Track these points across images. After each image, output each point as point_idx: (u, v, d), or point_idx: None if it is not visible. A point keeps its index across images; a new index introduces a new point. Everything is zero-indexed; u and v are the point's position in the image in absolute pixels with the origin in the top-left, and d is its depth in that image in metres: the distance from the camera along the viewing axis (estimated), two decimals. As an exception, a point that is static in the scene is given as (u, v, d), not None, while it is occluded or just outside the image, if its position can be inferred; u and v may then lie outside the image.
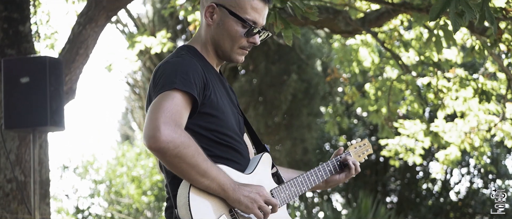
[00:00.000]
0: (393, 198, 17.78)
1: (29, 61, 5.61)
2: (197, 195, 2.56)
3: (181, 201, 2.56)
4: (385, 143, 10.45)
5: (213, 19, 2.77)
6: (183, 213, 2.55)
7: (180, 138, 2.48)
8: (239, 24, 2.75)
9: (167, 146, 2.45)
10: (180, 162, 2.49)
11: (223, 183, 2.58)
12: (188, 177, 2.54)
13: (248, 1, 2.75)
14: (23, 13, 7.04)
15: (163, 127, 2.45)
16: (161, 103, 2.52)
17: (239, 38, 2.77)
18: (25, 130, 5.55)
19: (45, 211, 6.99)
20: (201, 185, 2.55)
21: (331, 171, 3.11)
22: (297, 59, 13.09)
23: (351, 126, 17.09)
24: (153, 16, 14.11)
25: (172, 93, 2.54)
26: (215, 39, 2.79)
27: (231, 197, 2.60)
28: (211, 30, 2.79)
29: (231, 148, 2.76)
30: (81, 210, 17.00)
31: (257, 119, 13.46)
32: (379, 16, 7.56)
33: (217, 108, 2.72)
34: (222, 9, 2.75)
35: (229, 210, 2.64)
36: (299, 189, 2.92)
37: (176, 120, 2.51)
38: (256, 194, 2.64)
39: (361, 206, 11.60)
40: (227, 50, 2.80)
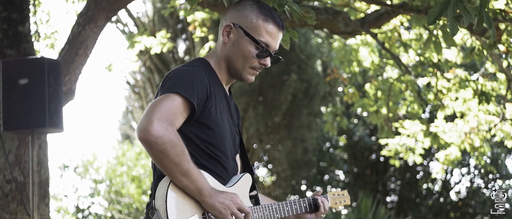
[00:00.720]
0: (393, 198, 17.78)
1: (28, 62, 5.61)
2: (175, 191, 2.72)
3: (160, 192, 2.72)
4: (385, 143, 10.46)
5: (230, 38, 2.93)
6: (159, 204, 2.70)
7: (169, 136, 2.63)
8: (252, 45, 2.91)
9: (156, 140, 2.61)
10: (164, 157, 2.64)
11: (201, 187, 2.72)
12: (169, 173, 2.69)
13: (263, 25, 2.92)
14: (23, 13, 7.03)
15: (156, 122, 2.62)
16: (160, 102, 2.69)
17: (251, 58, 2.92)
18: (24, 131, 5.55)
19: (45, 211, 6.99)
20: (180, 184, 2.70)
21: (306, 208, 3.21)
22: (297, 59, 13.09)
23: (351, 126, 17.09)
24: (153, 16, 14.11)
25: (173, 96, 2.71)
26: (229, 57, 2.94)
27: (206, 201, 2.74)
28: (226, 48, 2.94)
29: (219, 162, 2.91)
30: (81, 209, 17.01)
31: (257, 119, 13.45)
32: (378, 17, 7.54)
33: (214, 122, 2.87)
34: (239, 29, 2.91)
35: (203, 213, 2.77)
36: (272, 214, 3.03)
37: (171, 119, 2.67)
38: (230, 201, 2.78)
39: (361, 206, 11.60)
40: (239, 69, 2.95)
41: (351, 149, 17.32)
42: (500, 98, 8.91)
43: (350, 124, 16.98)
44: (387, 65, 9.75)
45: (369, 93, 9.56)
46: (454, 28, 3.19)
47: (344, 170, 17.87)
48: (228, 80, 3.02)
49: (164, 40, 9.67)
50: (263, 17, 2.93)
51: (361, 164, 17.40)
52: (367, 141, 16.88)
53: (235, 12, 2.97)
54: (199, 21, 8.60)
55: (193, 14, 8.49)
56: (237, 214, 2.78)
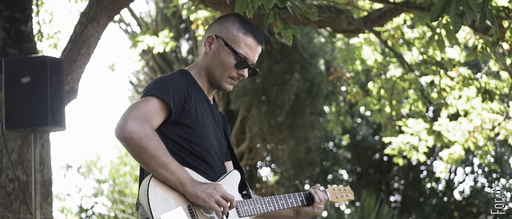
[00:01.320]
0: (397, 198, 17.76)
1: (30, 61, 5.60)
2: (157, 185, 2.80)
3: (142, 188, 2.81)
4: (389, 141, 10.45)
5: (211, 48, 3.10)
6: (142, 198, 2.78)
7: (144, 131, 2.75)
8: (231, 56, 3.06)
9: (131, 136, 2.73)
10: (142, 151, 2.74)
11: (182, 178, 2.80)
12: (148, 166, 2.78)
13: (243, 38, 3.08)
14: (25, 12, 7.04)
15: (130, 120, 2.75)
16: (136, 104, 2.85)
17: (229, 68, 3.07)
18: (26, 130, 5.55)
19: (47, 210, 6.99)
20: (160, 176, 2.78)
21: (302, 201, 3.30)
22: (300, 58, 13.07)
23: (355, 125, 17.06)
24: (156, 16, 14.11)
25: (149, 98, 2.87)
26: (209, 66, 3.10)
27: (189, 191, 2.81)
28: (207, 58, 3.11)
29: (202, 159, 3.00)
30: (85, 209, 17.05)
31: (260, 118, 13.43)
32: (381, 15, 7.53)
33: (195, 122, 2.98)
34: (220, 40, 3.08)
35: (188, 206, 2.84)
36: (265, 207, 3.13)
37: (146, 117, 2.79)
38: (213, 190, 2.85)
39: (364, 205, 11.58)
40: (217, 78, 3.09)
41: (354, 148, 17.30)
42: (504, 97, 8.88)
43: (353, 123, 16.95)
44: (391, 63, 9.74)
45: (372, 92, 9.54)
46: (457, 25, 3.19)
47: (348, 170, 17.86)
48: (210, 89, 3.17)
49: (166, 40, 9.67)
50: (244, 31, 3.09)
51: (364, 163, 17.38)
52: (370, 140, 16.86)
53: (218, 25, 3.14)
54: (202, 19, 8.59)
55: (195, 12, 8.49)
56: (221, 201, 2.84)
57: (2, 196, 6.65)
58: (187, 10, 8.96)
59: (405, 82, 9.02)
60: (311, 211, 3.32)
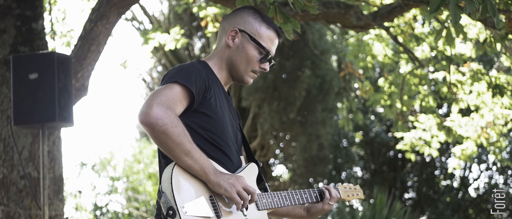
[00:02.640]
0: (411, 194, 17.71)
1: (38, 57, 5.65)
2: (180, 173, 2.77)
3: (165, 176, 2.77)
4: (401, 136, 10.42)
5: (234, 42, 3.08)
6: (165, 186, 2.74)
7: (169, 118, 2.71)
8: (256, 50, 3.08)
9: (156, 122, 2.69)
10: (166, 138, 2.71)
11: (205, 166, 2.78)
12: (172, 153, 2.75)
13: (265, 32, 3.09)
14: (36, 10, 7.08)
15: (155, 106, 2.72)
16: (159, 91, 2.81)
17: (254, 62, 3.09)
18: (34, 125, 5.60)
19: (59, 207, 7.03)
20: (184, 164, 2.76)
21: (317, 197, 3.32)
22: (311, 54, 13.06)
23: (368, 122, 17.02)
24: (169, 14, 14.16)
25: (172, 85, 2.83)
26: (232, 60, 3.09)
27: (211, 180, 2.79)
28: (230, 51, 3.09)
29: (221, 150, 2.98)
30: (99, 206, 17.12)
31: (271, 115, 13.44)
32: (391, 11, 7.50)
33: (215, 112, 2.97)
34: (244, 34, 3.08)
35: (210, 196, 2.82)
36: (282, 201, 3.13)
37: (169, 104, 2.76)
38: (235, 180, 2.83)
39: (376, 202, 11.55)
40: (241, 72, 3.10)
41: (368, 145, 17.26)
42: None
43: (366, 120, 16.92)
44: (402, 59, 9.71)
45: (383, 88, 9.52)
46: (456, 16, 3.17)
47: (361, 167, 17.83)
48: (227, 82, 3.16)
49: (177, 37, 9.70)
50: (266, 25, 3.11)
51: (378, 160, 17.34)
52: (383, 137, 16.82)
53: (239, 18, 3.12)
54: (211, 16, 8.62)
55: (205, 9, 8.51)
56: (242, 193, 2.82)
57: (13, 193, 6.70)
58: (197, 7, 8.99)
59: (416, 78, 8.99)
60: (320, 208, 3.32)
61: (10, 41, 6.85)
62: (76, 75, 7.07)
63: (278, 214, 3.31)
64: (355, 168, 17.85)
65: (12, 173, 6.68)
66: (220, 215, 2.81)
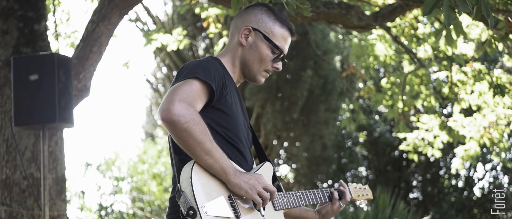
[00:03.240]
0: (416, 194, 17.70)
1: (38, 59, 5.69)
2: (200, 172, 2.72)
3: (184, 175, 2.71)
4: (403, 137, 10.42)
5: (248, 41, 3.04)
6: (184, 186, 2.69)
7: (191, 115, 2.66)
8: (269, 49, 3.04)
9: (179, 119, 2.63)
10: (188, 136, 2.65)
11: (225, 166, 2.73)
12: (193, 152, 2.69)
13: (279, 31, 3.06)
14: (38, 12, 7.12)
15: (177, 102, 2.65)
16: (180, 86, 2.74)
17: (267, 61, 3.05)
18: (34, 126, 5.64)
19: (61, 207, 7.06)
20: (204, 163, 2.70)
21: (329, 197, 3.29)
22: (314, 55, 13.08)
23: (372, 122, 17.03)
24: (173, 14, 14.19)
25: (192, 81, 2.77)
26: (245, 59, 3.05)
27: (231, 181, 2.74)
28: (243, 50, 3.05)
29: (237, 149, 2.93)
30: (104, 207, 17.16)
31: (274, 115, 13.46)
32: (392, 11, 7.51)
33: (230, 109, 2.92)
34: (258, 33, 3.04)
35: (228, 195, 2.77)
36: (297, 201, 3.10)
37: (191, 101, 2.70)
38: (255, 181, 2.79)
39: (378, 201, 11.55)
40: (254, 71, 3.07)
41: (372, 145, 17.25)
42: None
43: (370, 119, 16.92)
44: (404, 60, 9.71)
45: (385, 88, 9.53)
46: (450, 18, 3.18)
47: (365, 166, 17.83)
48: (239, 80, 3.13)
49: (180, 37, 9.73)
50: (280, 24, 3.07)
51: (382, 160, 17.34)
52: (387, 137, 16.82)
53: (252, 16, 3.08)
54: (213, 17, 8.64)
55: (207, 10, 8.54)
56: (263, 193, 2.79)
57: (16, 193, 6.73)
58: (200, 8, 9.02)
59: (417, 78, 9.00)
60: (330, 208, 3.30)
61: (12, 42, 6.89)
62: (78, 76, 7.10)
63: (290, 215, 3.27)
64: (359, 168, 17.86)
65: (15, 173, 6.72)
66: (239, 215, 2.77)
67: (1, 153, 6.79)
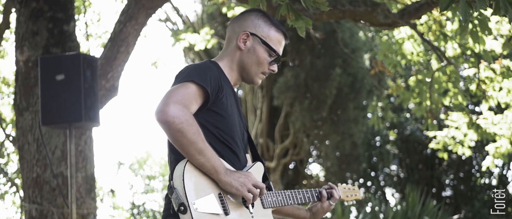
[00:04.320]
0: (448, 193, 17.55)
1: (65, 59, 5.78)
2: (192, 170, 2.85)
3: (177, 173, 2.85)
4: (433, 135, 10.34)
5: (246, 45, 3.18)
6: (177, 183, 2.82)
7: (185, 116, 2.79)
8: (266, 53, 3.18)
9: (173, 120, 2.77)
10: (181, 136, 2.78)
11: (216, 165, 2.87)
12: (186, 151, 2.83)
13: (275, 35, 3.20)
14: (67, 12, 7.22)
15: (172, 104, 2.79)
16: (176, 89, 2.89)
17: (264, 64, 3.19)
18: (61, 125, 5.73)
19: (91, 205, 7.14)
20: (196, 162, 2.84)
21: (318, 197, 3.41)
22: (342, 53, 13.04)
23: (403, 119, 16.92)
24: (202, 14, 14.26)
25: (188, 84, 2.90)
26: (244, 62, 3.19)
27: (222, 179, 2.88)
28: (241, 54, 3.19)
29: (230, 149, 3.06)
30: (136, 205, 17.34)
31: (303, 113, 13.45)
32: (418, 8, 7.46)
33: (226, 111, 3.06)
34: (255, 38, 3.18)
35: (219, 193, 2.91)
36: (286, 200, 3.24)
37: (186, 103, 2.84)
38: (245, 178, 2.93)
39: (408, 200, 11.48)
40: (252, 73, 3.21)
41: (403, 143, 17.15)
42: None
43: (401, 117, 16.81)
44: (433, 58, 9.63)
45: (413, 86, 9.46)
46: (466, 14, 3.16)
47: (396, 165, 17.72)
48: (236, 82, 3.25)
49: (208, 37, 9.78)
50: (275, 29, 3.21)
51: (414, 158, 17.22)
52: (418, 135, 16.69)
53: (249, 21, 3.21)
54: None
55: (233, 9, 8.57)
56: (253, 189, 2.92)
57: (46, 191, 6.83)
58: (227, 8, 9.06)
59: (445, 76, 8.92)
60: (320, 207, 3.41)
61: (42, 43, 7.00)
62: (106, 76, 7.19)
63: (283, 213, 3.39)
64: (391, 166, 17.76)
65: (45, 172, 6.83)
66: (229, 212, 2.89)
67: (32, 151, 6.91)
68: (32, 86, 6.89)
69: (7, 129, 11.15)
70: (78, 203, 6.82)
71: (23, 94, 6.96)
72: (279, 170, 14.31)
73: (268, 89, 14.18)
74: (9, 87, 11.77)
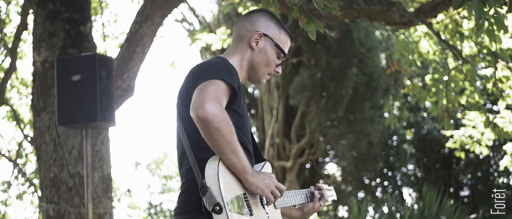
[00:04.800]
0: (466, 192, 17.46)
1: (80, 59, 5.83)
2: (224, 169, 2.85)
3: (210, 172, 2.83)
4: (450, 135, 10.28)
5: (258, 45, 3.20)
6: (210, 182, 2.81)
7: (223, 115, 2.78)
8: (276, 54, 3.23)
9: (213, 118, 2.75)
10: (219, 135, 2.77)
11: (246, 166, 2.89)
12: (221, 150, 2.81)
13: (284, 38, 3.26)
14: (84, 14, 7.28)
15: (210, 102, 2.78)
16: (208, 86, 2.86)
17: (273, 65, 3.24)
18: (77, 126, 5.77)
19: (107, 205, 7.19)
20: (229, 161, 2.84)
21: (310, 197, 3.50)
22: (358, 52, 13.02)
23: (419, 119, 16.85)
24: (218, 14, 14.29)
25: (218, 82, 2.89)
26: (254, 62, 3.22)
27: (249, 179, 2.90)
28: (252, 53, 3.22)
29: (246, 148, 3.06)
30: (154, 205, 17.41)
31: (319, 113, 13.44)
32: (434, 7, 7.42)
33: (243, 110, 3.10)
34: (267, 39, 3.21)
35: (243, 193, 2.92)
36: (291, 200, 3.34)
37: (220, 101, 2.83)
38: (269, 180, 2.98)
39: (425, 199, 11.43)
40: (259, 74, 3.25)
41: (420, 142, 17.08)
42: None
43: (418, 117, 16.75)
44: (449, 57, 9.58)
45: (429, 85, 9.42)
46: (480, 12, 3.15)
47: (413, 164, 17.66)
48: (243, 81, 3.26)
49: (224, 37, 9.80)
50: (284, 31, 3.26)
51: (431, 157, 17.15)
52: (435, 135, 16.63)
53: (262, 22, 3.25)
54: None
55: (248, 9, 8.57)
56: (275, 191, 2.97)
57: (63, 191, 6.89)
58: (243, 7, 9.08)
59: (461, 74, 8.87)
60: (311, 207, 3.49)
61: (59, 44, 7.06)
62: (122, 76, 7.24)
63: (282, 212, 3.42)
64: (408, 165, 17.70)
65: (63, 172, 6.88)
66: (252, 212, 2.93)
67: (49, 152, 6.97)
68: (49, 87, 6.95)
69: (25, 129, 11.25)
70: (94, 202, 6.87)
71: (40, 94, 7.03)
72: (295, 169, 14.32)
73: (284, 89, 14.19)
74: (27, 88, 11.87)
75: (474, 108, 9.36)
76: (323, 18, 6.89)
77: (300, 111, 14.02)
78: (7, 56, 10.21)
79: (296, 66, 14.12)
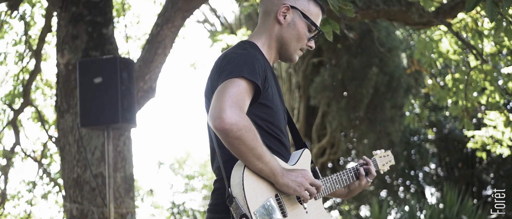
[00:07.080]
0: (489, 192, 17.34)
1: (102, 62, 5.92)
2: (250, 176, 2.70)
3: (235, 180, 2.69)
4: (472, 135, 10.26)
5: (286, 19, 2.98)
6: (236, 192, 2.67)
7: (243, 122, 2.62)
8: (306, 27, 3.01)
9: (231, 128, 2.59)
10: (240, 143, 2.63)
11: (274, 168, 2.72)
12: (245, 158, 2.68)
13: (314, 10, 3.02)
14: (106, 16, 7.38)
15: (228, 109, 2.60)
16: (227, 88, 2.67)
17: (304, 40, 3.01)
18: (99, 127, 5.87)
19: (130, 205, 7.28)
20: (255, 168, 2.70)
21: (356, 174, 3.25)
22: (379, 52, 13.01)
23: (441, 118, 16.78)
24: (239, 15, 14.36)
25: (238, 81, 2.70)
26: (283, 38, 3.00)
27: (280, 181, 2.74)
28: (281, 28, 2.99)
29: (279, 140, 2.93)
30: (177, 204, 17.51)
31: (339, 113, 13.45)
32: (453, 7, 7.44)
33: (272, 101, 2.89)
34: (296, 11, 2.99)
35: (275, 195, 2.78)
36: (332, 186, 3.10)
37: (240, 104, 2.65)
38: (302, 178, 2.79)
39: (446, 198, 11.40)
40: (291, 49, 3.02)
41: (442, 142, 17.01)
42: None
43: (439, 116, 16.68)
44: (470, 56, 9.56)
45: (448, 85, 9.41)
46: (493, 13, 3.17)
47: (435, 163, 17.58)
48: (274, 60, 3.08)
49: (244, 38, 9.86)
50: (314, 2, 3.04)
51: (453, 157, 17.07)
52: (457, 134, 16.55)
53: None
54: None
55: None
56: (311, 189, 2.80)
57: (87, 191, 6.99)
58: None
59: (481, 74, 8.85)
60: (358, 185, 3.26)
61: (82, 46, 7.17)
62: (144, 77, 7.33)
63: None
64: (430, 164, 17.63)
65: (86, 172, 6.99)
66: (286, 214, 2.79)
67: (72, 152, 7.08)
68: (72, 89, 7.06)
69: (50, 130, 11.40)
70: (117, 202, 6.97)
71: (64, 96, 7.15)
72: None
73: (305, 89, 14.22)
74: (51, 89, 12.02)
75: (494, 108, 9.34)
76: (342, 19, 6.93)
77: (321, 111, 14.05)
78: (32, 58, 10.36)
79: (316, 66, 14.14)
